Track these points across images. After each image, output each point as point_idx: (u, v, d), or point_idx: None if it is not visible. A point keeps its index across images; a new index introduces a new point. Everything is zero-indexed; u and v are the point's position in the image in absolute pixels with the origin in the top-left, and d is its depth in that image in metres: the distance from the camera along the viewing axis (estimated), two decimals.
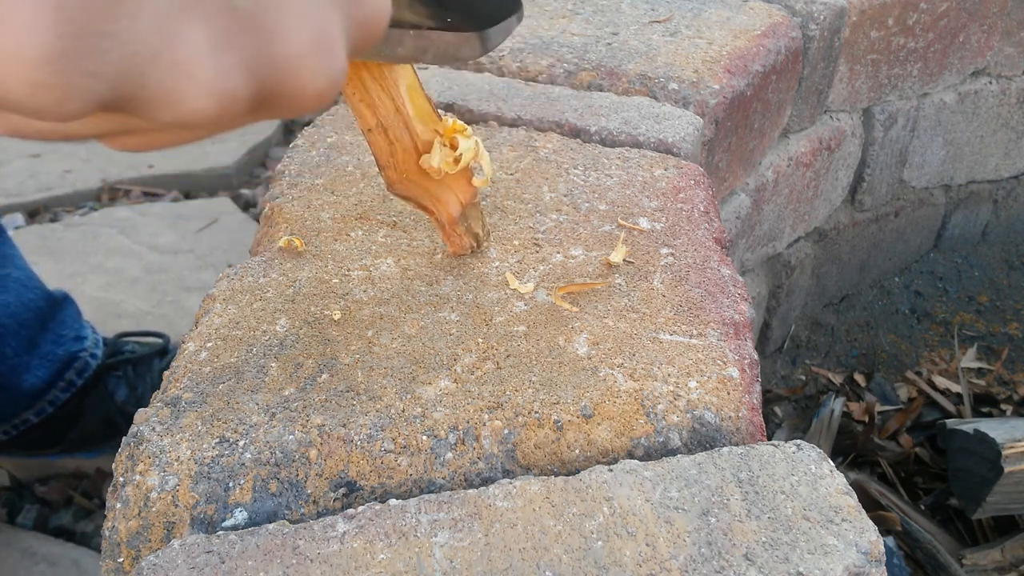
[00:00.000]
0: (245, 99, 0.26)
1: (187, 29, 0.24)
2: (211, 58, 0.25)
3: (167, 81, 0.24)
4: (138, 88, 0.24)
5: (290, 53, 0.27)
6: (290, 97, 0.28)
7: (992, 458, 1.05)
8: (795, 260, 1.36)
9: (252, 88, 0.26)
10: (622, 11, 1.01)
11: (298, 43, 0.27)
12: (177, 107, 0.25)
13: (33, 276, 1.04)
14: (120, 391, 1.10)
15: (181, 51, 0.24)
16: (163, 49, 0.24)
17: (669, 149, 0.73)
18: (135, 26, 0.23)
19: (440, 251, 0.58)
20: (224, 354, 0.49)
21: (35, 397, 1.03)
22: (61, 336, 1.05)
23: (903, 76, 1.30)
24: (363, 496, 0.43)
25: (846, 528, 0.38)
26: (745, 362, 0.49)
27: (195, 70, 0.25)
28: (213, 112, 0.26)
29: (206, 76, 0.25)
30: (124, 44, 0.23)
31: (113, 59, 0.23)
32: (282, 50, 0.26)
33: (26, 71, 0.22)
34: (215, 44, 0.25)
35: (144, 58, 0.24)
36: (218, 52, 0.25)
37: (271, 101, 0.28)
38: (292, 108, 0.28)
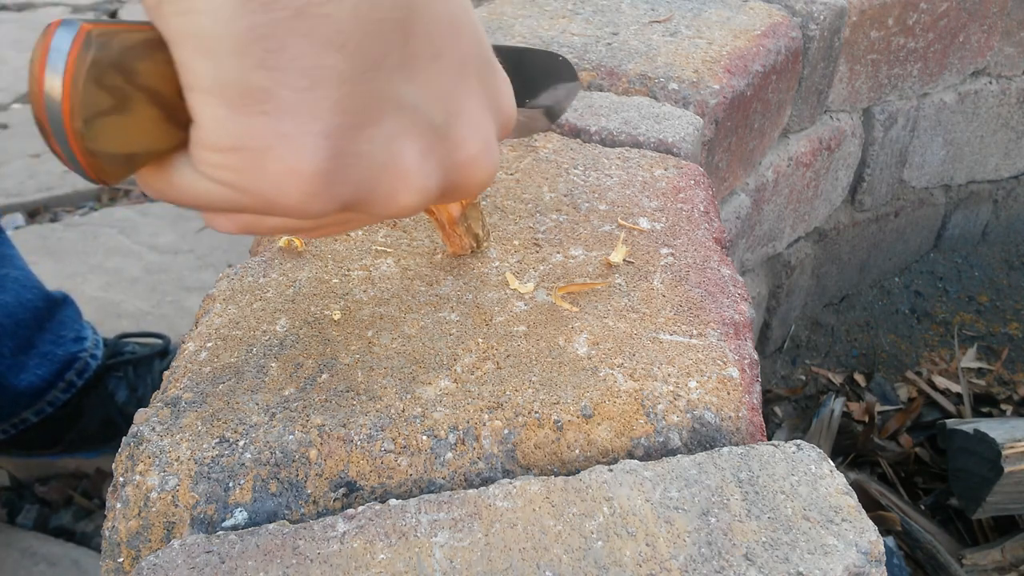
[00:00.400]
0: (437, 192, 0.34)
1: (405, 146, 0.32)
2: (419, 165, 0.32)
3: (390, 185, 0.32)
4: (368, 192, 0.32)
5: (468, 156, 0.35)
6: (465, 187, 0.36)
7: (992, 458, 1.05)
8: (795, 260, 1.36)
9: (443, 186, 0.34)
10: (622, 11, 1.01)
11: (473, 147, 0.35)
12: (395, 204, 0.33)
13: (32, 276, 1.04)
14: (120, 392, 1.10)
15: (402, 162, 0.32)
16: (390, 162, 0.31)
17: (669, 149, 0.73)
18: (372, 147, 0.30)
19: (440, 251, 0.58)
20: (224, 354, 0.49)
21: (34, 397, 1.03)
22: (61, 336, 1.05)
23: (903, 76, 1.30)
24: (363, 496, 0.43)
25: (846, 528, 0.38)
26: (745, 362, 0.49)
27: (410, 175, 0.32)
28: (417, 204, 0.33)
29: (416, 178, 0.33)
30: (366, 160, 0.31)
31: (359, 171, 0.31)
32: (463, 154, 0.34)
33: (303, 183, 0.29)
34: (422, 154, 0.32)
35: (377, 169, 0.31)
36: (423, 160, 0.33)
37: (451, 191, 0.36)
38: (462, 196, 0.37)
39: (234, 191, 0.30)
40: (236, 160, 0.28)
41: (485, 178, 0.36)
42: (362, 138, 0.30)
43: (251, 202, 0.30)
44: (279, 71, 0.27)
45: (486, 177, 0.36)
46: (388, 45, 0.29)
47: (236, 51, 0.26)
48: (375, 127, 0.30)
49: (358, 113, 0.29)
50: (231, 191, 0.30)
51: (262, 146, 0.28)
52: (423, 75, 0.31)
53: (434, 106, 0.32)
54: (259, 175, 0.29)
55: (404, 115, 0.31)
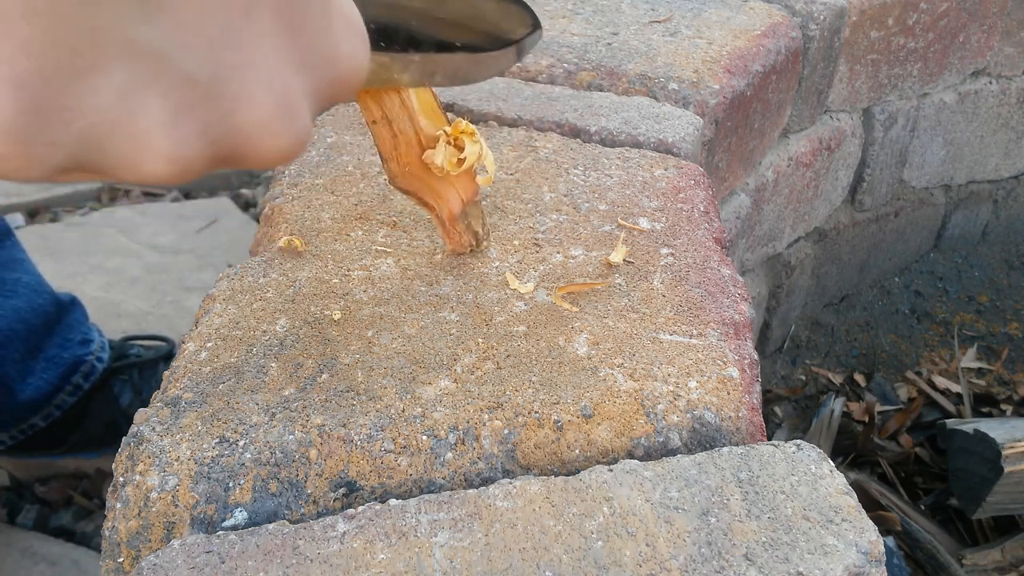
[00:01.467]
0: (202, 162, 0.28)
1: (146, 102, 0.25)
2: (169, 128, 0.26)
3: (125, 149, 0.26)
4: (98, 155, 0.26)
5: (251, 119, 0.28)
6: (251, 157, 0.29)
7: (992, 458, 1.05)
8: (795, 260, 1.36)
9: (210, 152, 0.28)
10: (622, 11, 1.01)
11: (259, 110, 0.28)
12: (136, 171, 0.27)
13: (42, 280, 1.04)
14: (125, 395, 1.10)
15: (140, 123, 0.26)
16: (122, 120, 0.25)
17: (669, 149, 0.73)
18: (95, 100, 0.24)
19: (440, 251, 0.58)
20: (224, 354, 0.49)
21: (42, 402, 1.03)
22: (68, 340, 1.05)
23: (903, 76, 1.30)
24: (363, 496, 0.43)
25: (846, 528, 0.38)
26: (745, 362, 0.49)
27: (152, 139, 0.26)
28: (170, 175, 0.27)
29: (163, 144, 0.26)
30: (84, 116, 0.25)
31: (73, 130, 0.25)
32: (242, 118, 0.28)
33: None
34: (174, 115, 0.26)
35: (103, 129, 0.25)
36: (177, 122, 0.26)
37: (231, 161, 0.29)
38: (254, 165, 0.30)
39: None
40: None
41: (279, 147, 0.29)
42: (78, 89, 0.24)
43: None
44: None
45: (281, 145, 0.29)
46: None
47: None
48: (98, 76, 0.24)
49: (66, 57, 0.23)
50: None
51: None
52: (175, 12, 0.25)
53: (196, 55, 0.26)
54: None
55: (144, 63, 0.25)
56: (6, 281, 0.99)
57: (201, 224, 1.67)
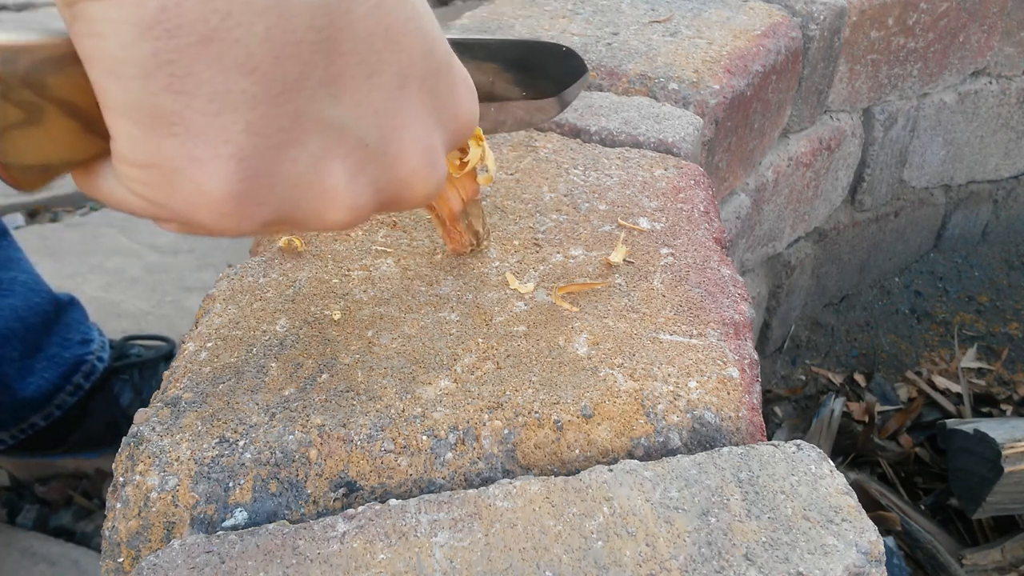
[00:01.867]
0: (372, 208, 0.34)
1: (332, 165, 0.31)
2: (348, 185, 0.32)
3: (315, 204, 0.32)
4: (294, 211, 0.31)
5: (406, 171, 0.34)
6: (406, 201, 0.35)
7: (992, 458, 1.05)
8: (795, 260, 1.36)
9: (378, 201, 0.34)
10: (622, 11, 1.01)
11: (412, 162, 0.34)
12: (322, 222, 0.33)
13: (39, 280, 1.04)
14: (125, 395, 1.10)
15: (327, 181, 0.31)
16: (314, 182, 0.31)
17: (669, 149, 0.73)
18: (295, 167, 0.30)
19: (440, 251, 0.58)
20: (224, 354, 0.49)
21: (43, 401, 1.03)
22: (67, 339, 1.05)
23: (903, 76, 1.30)
24: (363, 496, 0.43)
25: (846, 528, 0.38)
26: (745, 362, 0.49)
27: (337, 195, 0.32)
28: (349, 222, 0.33)
29: (344, 198, 0.32)
30: (286, 180, 0.30)
31: (278, 191, 0.30)
32: (400, 170, 0.34)
33: (214, 205, 0.29)
34: (352, 173, 0.32)
35: (300, 189, 0.31)
36: (353, 179, 0.32)
37: (392, 205, 0.35)
38: (406, 207, 0.36)
39: (151, 205, 0.30)
40: (150, 177, 0.28)
41: (427, 190, 0.35)
42: (282, 159, 0.30)
43: (171, 216, 0.30)
44: (187, 95, 0.27)
45: (428, 189, 0.35)
46: (307, 67, 0.29)
47: (142, 75, 0.26)
48: (296, 148, 0.30)
49: (275, 134, 0.29)
50: (149, 204, 0.30)
51: (173, 167, 0.28)
52: (353, 94, 0.31)
53: (367, 124, 0.32)
54: (172, 194, 0.29)
55: (330, 135, 0.31)
56: (2, 280, 0.99)
57: None
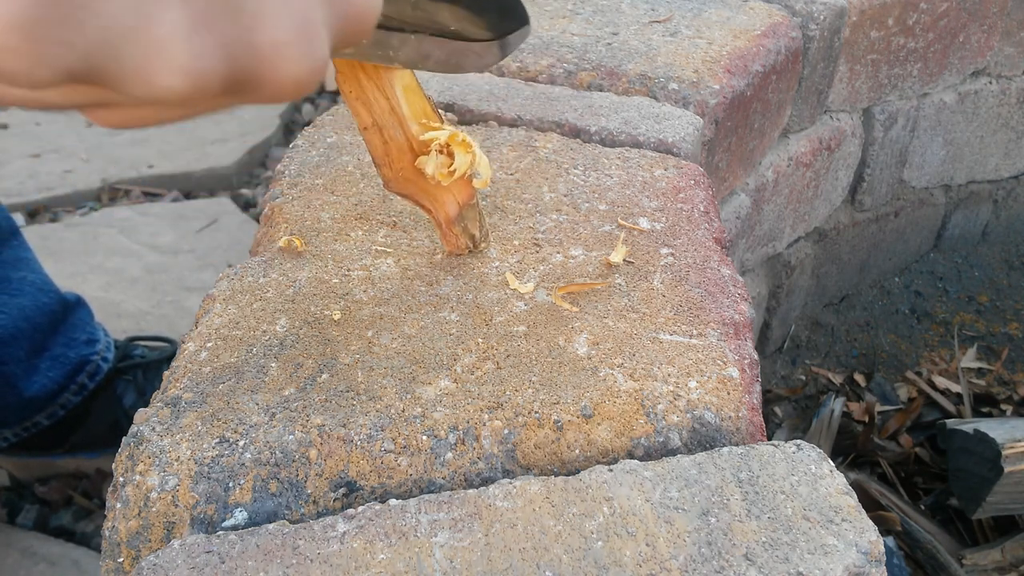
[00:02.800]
0: (219, 80, 0.27)
1: (165, 9, 0.25)
2: (187, 39, 0.25)
3: (140, 57, 0.25)
4: (111, 62, 0.25)
5: (270, 39, 0.27)
6: (268, 82, 0.28)
7: (992, 458, 1.05)
8: (795, 260, 1.36)
9: (227, 70, 0.27)
10: (622, 11, 1.01)
11: (280, 30, 0.27)
12: (149, 83, 0.26)
13: (48, 280, 1.04)
14: (128, 396, 1.10)
15: (157, 30, 0.25)
16: (139, 26, 0.25)
17: (669, 149, 0.73)
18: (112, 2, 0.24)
19: (440, 251, 0.58)
20: (224, 354, 0.49)
21: (47, 400, 1.03)
22: (73, 339, 1.05)
23: (903, 76, 1.30)
24: (363, 496, 0.43)
25: (846, 528, 0.38)
26: (745, 362, 0.49)
27: (169, 49, 0.25)
28: (185, 90, 0.26)
29: (180, 55, 0.25)
30: (99, 17, 0.24)
31: (87, 31, 0.24)
32: (262, 36, 0.27)
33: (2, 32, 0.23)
34: (193, 25, 0.25)
35: (119, 33, 0.24)
36: (195, 33, 0.26)
37: (248, 85, 0.28)
38: (270, 94, 0.29)
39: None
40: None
41: (296, 75, 0.28)
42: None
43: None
44: None
45: (297, 73, 0.28)
46: None
47: None
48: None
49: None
50: None
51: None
52: None
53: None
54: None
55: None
56: (12, 280, 0.99)
57: (201, 224, 1.67)
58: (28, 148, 1.91)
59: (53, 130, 1.98)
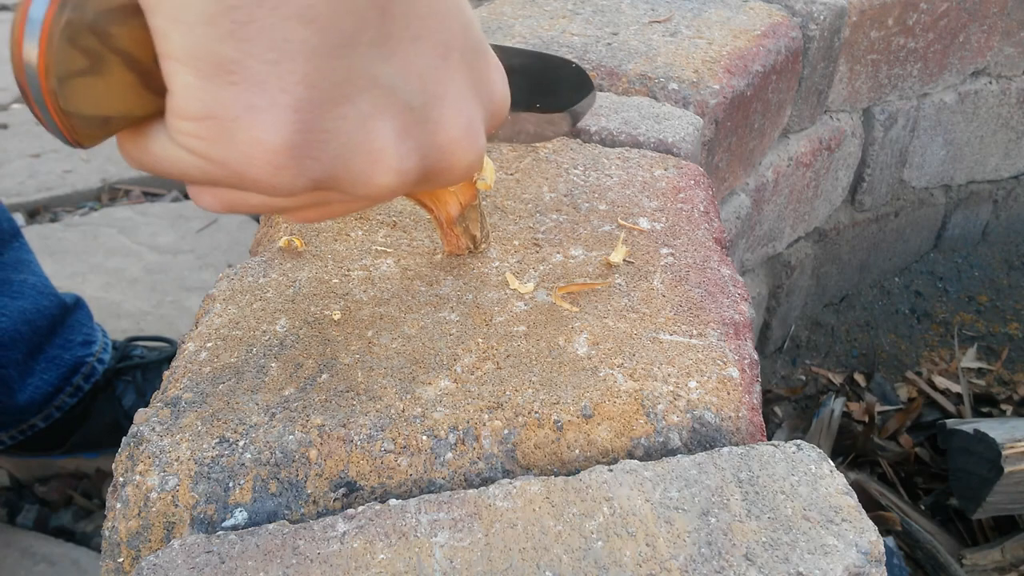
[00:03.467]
0: (416, 175, 0.34)
1: (380, 126, 0.32)
2: (396, 147, 0.32)
3: (364, 164, 0.32)
4: (344, 169, 0.32)
5: (448, 139, 0.34)
6: (447, 172, 0.35)
7: (992, 458, 1.05)
8: (795, 260, 1.36)
9: (422, 166, 0.34)
10: (622, 11, 1.01)
11: (454, 131, 0.34)
12: (369, 183, 0.33)
13: (48, 282, 1.04)
14: (128, 396, 1.10)
15: (376, 142, 0.32)
16: (364, 141, 0.31)
17: (669, 149, 0.73)
18: (346, 124, 0.31)
19: (440, 251, 0.58)
20: (224, 354, 0.49)
21: (43, 403, 1.03)
22: (70, 341, 1.05)
23: (903, 76, 1.30)
24: (363, 496, 0.43)
25: (846, 528, 0.38)
26: (745, 362, 0.49)
27: (384, 156, 0.32)
28: (394, 186, 0.33)
29: (391, 159, 0.32)
30: (338, 136, 0.31)
31: (330, 147, 0.31)
32: (443, 138, 0.34)
33: (270, 156, 0.29)
34: (398, 135, 0.32)
35: (351, 147, 0.31)
36: (400, 142, 0.32)
37: (433, 176, 0.35)
38: (447, 180, 0.36)
39: (205, 161, 0.30)
40: (206, 129, 0.29)
41: (468, 162, 0.35)
42: (334, 115, 0.30)
43: (222, 173, 0.30)
44: (247, 42, 0.27)
45: (469, 162, 0.35)
46: (362, 22, 0.29)
47: (205, 21, 0.27)
48: (348, 104, 0.30)
49: (329, 89, 0.29)
50: (202, 161, 0.30)
51: (231, 116, 0.28)
52: (401, 55, 0.31)
53: (413, 87, 0.32)
54: (227, 145, 0.29)
55: (380, 94, 0.31)
56: (13, 282, 0.99)
57: (201, 224, 1.67)
58: (28, 148, 1.91)
59: None
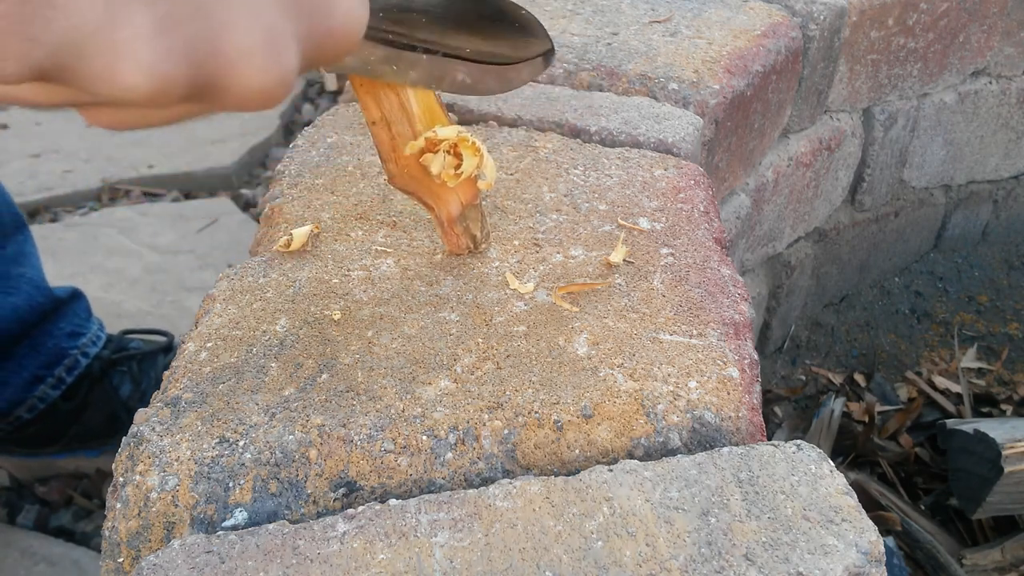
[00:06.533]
0: (183, 83, 0.27)
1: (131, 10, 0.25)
2: (151, 41, 0.26)
3: (104, 57, 0.25)
4: (75, 60, 0.25)
5: (235, 46, 0.27)
6: (232, 89, 0.28)
7: (992, 458, 1.05)
8: (795, 260, 1.36)
9: (191, 74, 0.27)
10: (622, 11, 1.01)
11: (244, 38, 0.27)
12: (112, 83, 0.26)
13: (43, 277, 1.04)
14: (124, 387, 1.10)
15: (121, 31, 0.25)
16: (104, 26, 0.25)
17: (669, 149, 0.73)
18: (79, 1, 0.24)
19: (440, 251, 0.58)
20: (224, 354, 0.49)
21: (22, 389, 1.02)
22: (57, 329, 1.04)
23: (903, 76, 1.30)
24: (363, 496, 0.43)
25: (846, 528, 0.38)
26: (745, 362, 0.49)
27: (133, 50, 0.26)
28: (148, 91, 0.26)
29: (143, 57, 0.26)
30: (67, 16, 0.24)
31: (54, 29, 0.24)
32: (227, 43, 0.27)
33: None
34: (158, 28, 0.26)
35: (84, 32, 0.25)
36: (160, 36, 0.26)
37: (212, 90, 0.28)
38: (234, 101, 0.29)
39: None
40: None
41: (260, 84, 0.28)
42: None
43: None
44: None
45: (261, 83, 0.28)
46: None
47: None
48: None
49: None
50: None
51: None
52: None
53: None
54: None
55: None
56: (11, 276, 0.99)
57: (201, 224, 1.67)
58: (28, 148, 1.91)
59: (53, 130, 1.98)
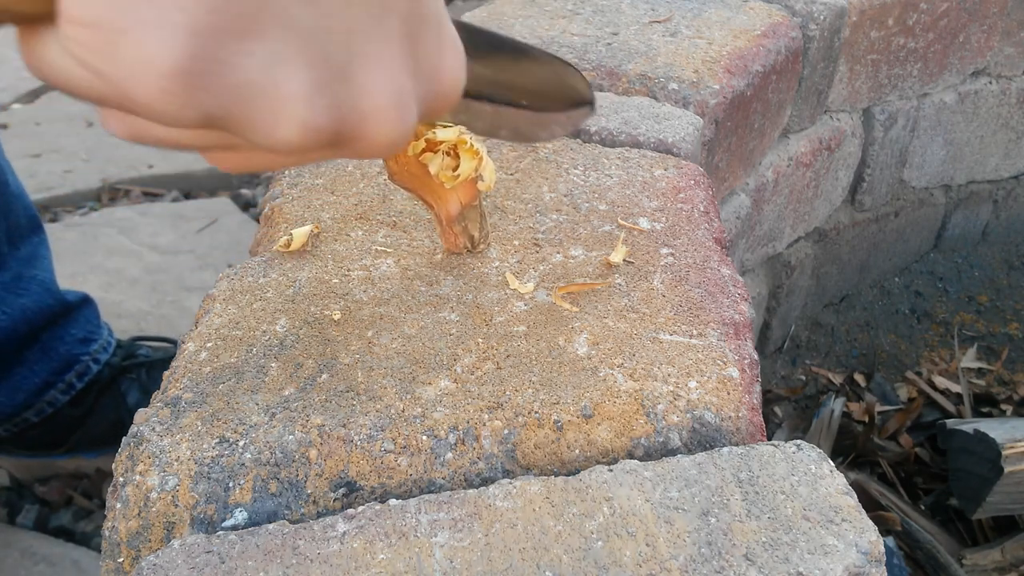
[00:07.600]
0: (327, 135, 0.32)
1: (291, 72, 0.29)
2: (306, 98, 0.30)
3: (267, 110, 0.30)
4: (242, 112, 0.29)
5: (371, 105, 0.32)
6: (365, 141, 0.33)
7: (992, 458, 1.05)
8: (795, 260, 1.36)
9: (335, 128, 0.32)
10: (622, 11, 1.01)
11: (379, 98, 0.32)
12: (271, 134, 0.30)
13: (54, 280, 1.04)
14: (132, 394, 1.10)
15: (283, 88, 0.29)
16: (270, 84, 0.29)
17: (669, 149, 0.73)
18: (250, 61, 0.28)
19: (440, 251, 0.58)
20: (224, 354, 0.49)
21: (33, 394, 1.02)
22: (68, 335, 1.05)
23: (903, 76, 1.30)
24: (363, 496, 0.43)
25: (846, 528, 0.38)
26: (745, 362, 0.49)
27: (291, 106, 0.30)
28: (299, 142, 0.31)
29: (299, 112, 0.30)
30: (238, 73, 0.28)
31: (227, 83, 0.28)
32: (365, 102, 0.32)
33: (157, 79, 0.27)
34: (313, 88, 0.30)
35: (252, 88, 0.29)
36: (312, 95, 0.30)
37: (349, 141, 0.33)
38: (364, 150, 0.34)
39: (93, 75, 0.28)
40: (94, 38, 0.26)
41: (390, 137, 0.33)
42: (237, 48, 0.28)
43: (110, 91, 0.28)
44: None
45: (391, 136, 0.33)
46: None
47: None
48: (256, 40, 0.28)
49: (235, 18, 0.27)
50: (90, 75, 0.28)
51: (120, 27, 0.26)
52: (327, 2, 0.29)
53: (336, 40, 0.30)
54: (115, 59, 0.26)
55: (295, 38, 0.29)
56: (23, 278, 0.98)
57: (201, 224, 1.67)
58: (28, 148, 1.91)
59: (53, 130, 1.98)
